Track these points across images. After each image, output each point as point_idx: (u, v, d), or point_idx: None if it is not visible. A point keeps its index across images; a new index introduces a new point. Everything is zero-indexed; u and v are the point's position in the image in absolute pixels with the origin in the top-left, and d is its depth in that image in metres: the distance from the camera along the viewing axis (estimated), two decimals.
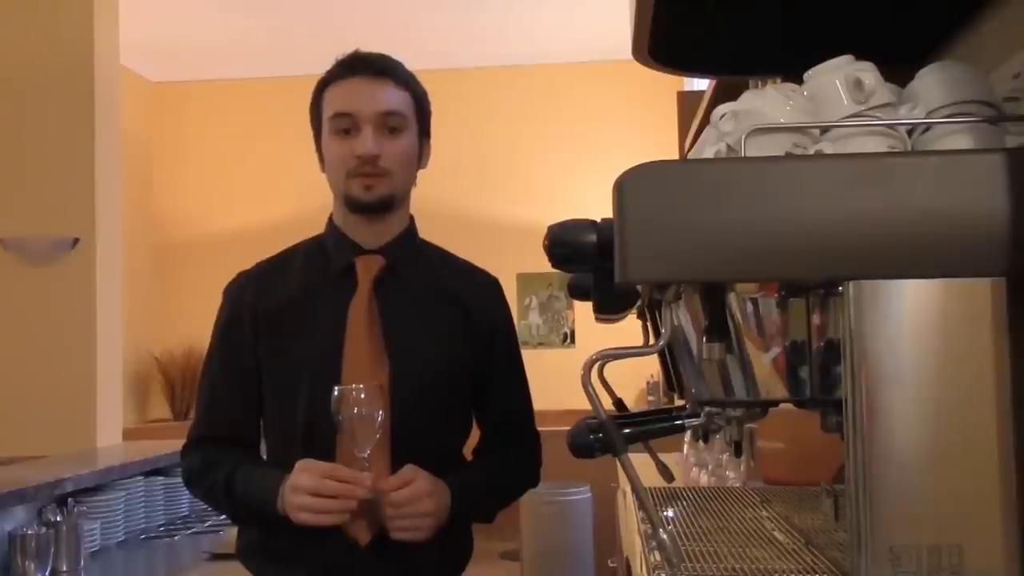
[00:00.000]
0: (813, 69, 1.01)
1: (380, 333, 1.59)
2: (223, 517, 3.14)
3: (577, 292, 1.35)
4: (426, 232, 1.74)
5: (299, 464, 1.51)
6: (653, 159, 0.88)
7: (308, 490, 1.48)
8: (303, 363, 1.60)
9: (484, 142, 7.03)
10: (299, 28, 6.39)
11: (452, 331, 1.65)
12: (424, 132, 1.68)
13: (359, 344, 1.58)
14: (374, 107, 1.58)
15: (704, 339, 0.98)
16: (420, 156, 1.67)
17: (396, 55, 1.67)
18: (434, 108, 1.70)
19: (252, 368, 1.63)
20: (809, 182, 0.86)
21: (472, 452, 1.74)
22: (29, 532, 2.45)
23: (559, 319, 7.12)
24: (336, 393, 1.49)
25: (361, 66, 1.62)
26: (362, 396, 1.49)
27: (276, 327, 1.63)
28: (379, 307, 1.61)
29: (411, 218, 1.71)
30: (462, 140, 6.72)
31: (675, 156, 4.27)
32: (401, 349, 1.59)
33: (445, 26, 6.35)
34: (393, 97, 1.61)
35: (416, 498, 1.49)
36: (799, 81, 1.03)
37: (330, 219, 1.71)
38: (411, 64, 1.68)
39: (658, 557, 1.49)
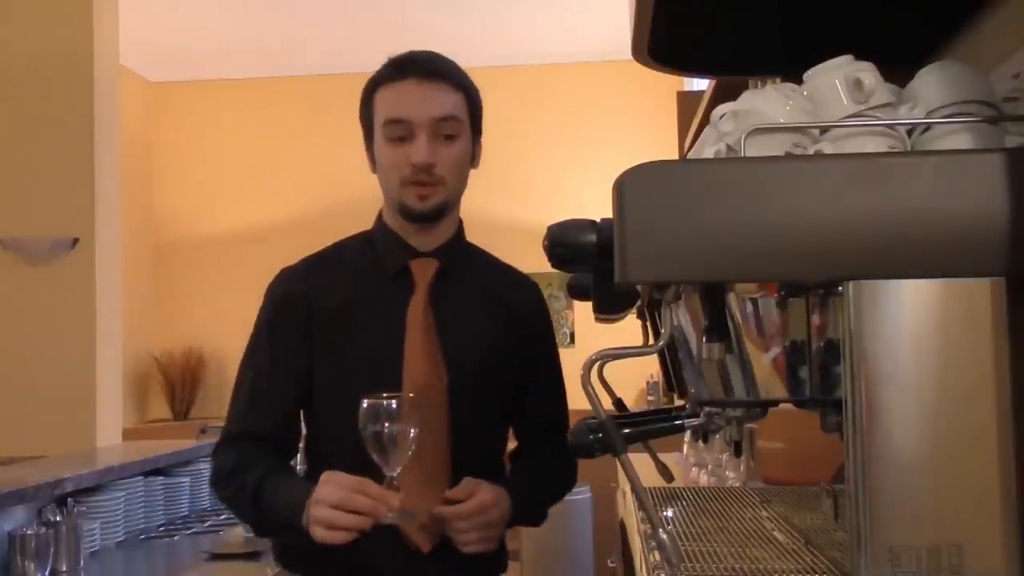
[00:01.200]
0: (813, 69, 1.01)
1: (436, 337, 1.57)
2: (223, 517, 3.15)
3: (577, 292, 1.35)
4: None
5: (325, 475, 1.44)
6: (653, 159, 0.88)
7: (332, 502, 1.40)
8: (360, 365, 1.55)
9: (484, 142, 7.02)
10: (299, 28, 6.39)
11: (501, 334, 1.63)
12: (476, 131, 1.65)
13: (416, 347, 1.55)
14: (429, 113, 1.54)
15: (704, 339, 0.98)
16: (473, 157, 1.65)
17: (396, 55, 1.63)
18: None
19: (304, 365, 1.58)
20: (809, 182, 0.86)
21: (511, 454, 1.73)
22: (29, 532, 2.45)
23: (559, 319, 7.12)
24: (364, 406, 1.37)
25: (413, 67, 1.57)
26: (394, 409, 1.37)
27: (331, 326, 1.58)
28: (434, 311, 1.58)
29: (460, 221, 1.69)
30: None
31: (675, 156, 4.27)
32: (457, 353, 1.57)
33: (445, 26, 6.35)
34: (447, 101, 1.57)
35: (484, 509, 1.47)
36: (799, 81, 1.03)
37: (380, 219, 1.67)
38: None
39: (658, 557, 1.49)
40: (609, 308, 1.27)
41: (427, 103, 1.55)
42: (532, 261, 1.65)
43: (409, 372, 1.53)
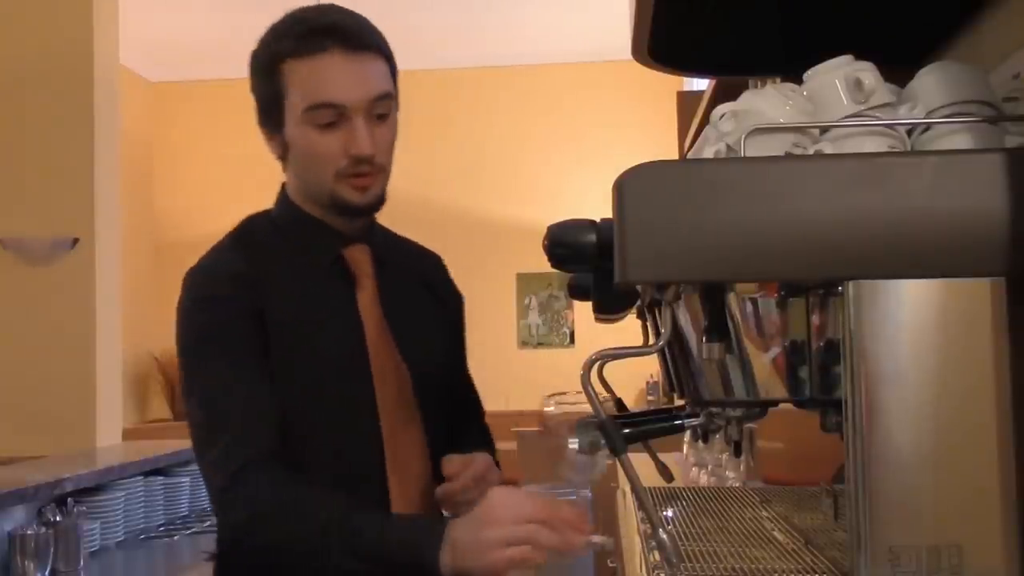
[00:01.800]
0: (813, 69, 1.01)
1: (389, 331, 1.45)
2: None
3: (577, 292, 1.35)
4: (426, 232, 1.72)
5: (494, 491, 1.23)
6: (653, 159, 0.88)
7: (533, 518, 1.17)
8: (330, 365, 1.40)
9: (484, 142, 7.02)
10: None
11: (435, 317, 1.55)
12: (397, 100, 1.44)
13: (377, 344, 1.43)
14: (365, 93, 1.34)
15: (704, 339, 0.98)
16: None
17: (396, 56, 1.52)
18: (434, 108, 1.66)
19: (264, 367, 1.37)
20: (809, 182, 0.86)
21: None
22: (29, 532, 2.45)
23: (559, 319, 7.11)
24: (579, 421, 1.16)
25: (336, 36, 1.35)
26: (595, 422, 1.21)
27: (286, 320, 1.38)
28: (379, 301, 1.47)
29: None
30: (462, 140, 6.72)
31: (675, 156, 4.27)
32: (408, 343, 1.46)
33: (445, 26, 6.35)
34: (378, 74, 1.37)
35: (485, 475, 1.36)
36: (799, 81, 1.03)
37: (288, 201, 1.49)
38: (409, 64, 1.59)
39: (658, 557, 1.48)
40: (609, 308, 1.27)
41: (361, 82, 1.35)
42: (532, 261, 1.65)
43: (378, 371, 1.42)
